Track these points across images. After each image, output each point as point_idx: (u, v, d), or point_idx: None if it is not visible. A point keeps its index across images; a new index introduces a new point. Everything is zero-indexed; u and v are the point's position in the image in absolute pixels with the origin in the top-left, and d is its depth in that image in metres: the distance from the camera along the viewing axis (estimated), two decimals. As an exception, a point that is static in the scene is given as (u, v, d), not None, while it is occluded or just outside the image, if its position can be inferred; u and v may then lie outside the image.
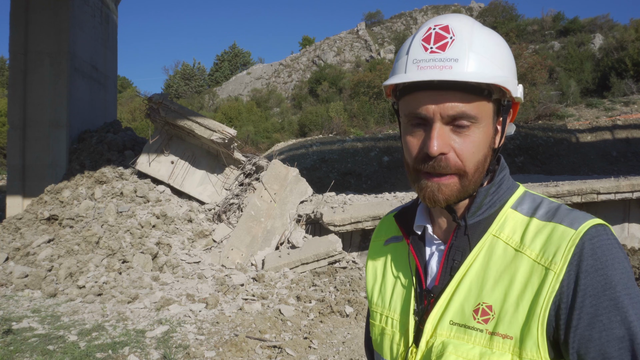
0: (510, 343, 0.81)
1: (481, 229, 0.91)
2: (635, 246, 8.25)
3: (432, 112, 0.84)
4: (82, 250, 6.30)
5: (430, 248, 0.98)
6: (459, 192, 0.87)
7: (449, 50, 0.83)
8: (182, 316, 4.97)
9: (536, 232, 0.85)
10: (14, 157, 8.93)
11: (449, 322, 0.88)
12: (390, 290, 1.03)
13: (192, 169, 7.91)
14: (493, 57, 0.85)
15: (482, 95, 0.84)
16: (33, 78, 8.95)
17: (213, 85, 41.52)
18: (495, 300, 0.84)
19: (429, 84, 0.84)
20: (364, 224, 7.03)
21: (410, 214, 1.04)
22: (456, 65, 0.82)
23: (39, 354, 3.93)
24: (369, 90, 26.86)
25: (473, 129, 0.85)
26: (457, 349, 0.85)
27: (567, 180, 9.60)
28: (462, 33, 0.84)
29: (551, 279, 0.80)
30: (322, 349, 4.27)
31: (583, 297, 0.78)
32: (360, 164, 17.05)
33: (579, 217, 0.84)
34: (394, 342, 0.98)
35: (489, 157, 0.90)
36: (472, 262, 0.89)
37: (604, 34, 30.59)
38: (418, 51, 0.85)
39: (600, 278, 0.78)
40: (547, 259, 0.82)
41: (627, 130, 18.25)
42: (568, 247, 0.80)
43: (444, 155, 0.85)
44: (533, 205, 0.91)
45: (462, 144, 0.85)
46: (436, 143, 0.83)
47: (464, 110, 0.83)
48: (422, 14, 43.16)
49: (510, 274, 0.85)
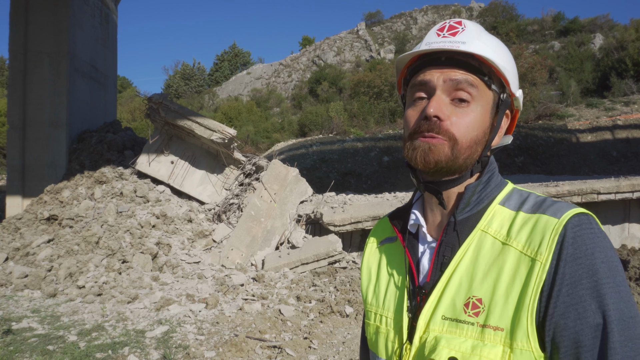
0: (502, 334, 0.82)
1: (470, 225, 0.93)
2: (635, 246, 8.23)
3: (435, 77, 0.91)
4: (82, 250, 6.29)
5: (423, 246, 1.00)
6: (448, 157, 0.90)
7: (459, 35, 0.93)
8: (182, 316, 4.96)
9: (522, 225, 0.88)
10: (14, 157, 8.92)
11: (441, 317, 0.89)
12: (384, 289, 1.04)
13: (192, 169, 7.91)
14: (497, 51, 0.94)
15: (483, 79, 0.91)
16: (33, 78, 8.95)
17: (213, 85, 41.51)
18: (485, 293, 0.86)
19: (436, 60, 0.92)
20: (364, 224, 7.03)
21: (405, 214, 1.06)
22: (463, 46, 0.91)
23: (38, 354, 3.93)
24: (369, 90, 26.83)
25: (472, 107, 0.91)
26: (450, 342, 0.86)
27: (567, 180, 9.59)
28: (472, 27, 0.95)
29: (538, 269, 0.81)
30: (322, 349, 4.27)
31: (560, 285, 0.79)
32: (360, 164, 17.05)
33: (563, 207, 0.86)
34: (388, 340, 0.99)
35: (482, 144, 0.94)
36: (461, 257, 0.91)
37: (604, 34, 30.58)
38: (431, 37, 0.95)
39: (578, 267, 0.79)
40: (532, 249, 0.83)
41: (628, 130, 18.24)
42: (552, 236, 0.82)
43: (440, 121, 0.90)
44: (520, 200, 0.93)
45: (458, 117, 0.90)
46: (434, 105, 0.89)
47: (465, 77, 0.90)
48: (422, 14, 43.13)
49: (498, 266, 0.86)
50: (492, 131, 0.95)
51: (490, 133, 0.95)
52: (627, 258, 6.47)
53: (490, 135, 0.95)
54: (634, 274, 6.11)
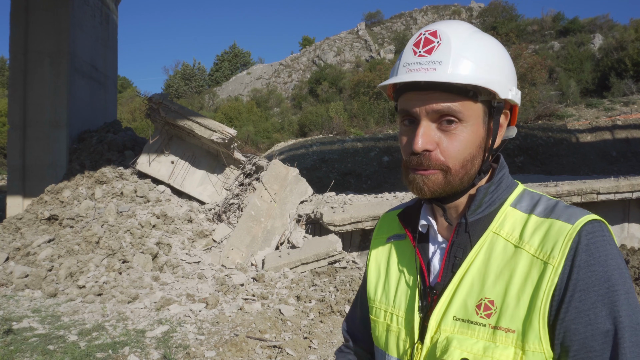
0: (513, 336, 0.83)
1: (481, 227, 0.94)
2: (635, 246, 8.24)
3: (418, 110, 0.89)
4: (82, 250, 6.30)
5: (433, 246, 1.01)
6: (443, 185, 0.91)
7: (435, 53, 0.88)
8: (182, 316, 4.97)
9: (535, 228, 0.88)
10: (14, 157, 8.93)
11: (452, 318, 0.90)
12: (394, 287, 1.05)
13: (192, 169, 7.91)
14: (480, 60, 0.89)
15: (467, 95, 0.88)
16: (33, 78, 8.95)
17: (213, 85, 41.51)
18: (497, 295, 0.87)
19: (416, 85, 0.90)
20: (364, 224, 7.04)
21: (414, 213, 1.07)
22: (439, 67, 0.87)
23: (39, 353, 3.94)
24: (369, 90, 26.85)
25: (460, 128, 0.89)
26: (462, 343, 0.87)
27: (567, 180, 9.60)
28: (448, 38, 0.89)
29: (550, 273, 0.82)
30: (322, 349, 4.27)
31: (573, 291, 0.80)
32: (360, 164, 17.06)
33: (576, 212, 0.87)
34: (399, 339, 1.00)
35: (480, 157, 0.93)
36: (473, 258, 0.92)
37: (604, 34, 30.59)
38: (408, 55, 0.91)
39: (592, 274, 0.80)
40: (545, 253, 0.84)
41: (627, 130, 18.25)
42: (565, 241, 0.83)
43: (429, 152, 0.89)
44: (531, 203, 0.94)
45: (447, 142, 0.89)
46: (420, 140, 0.88)
47: (448, 106, 0.87)
48: (422, 14, 43.14)
49: (510, 269, 0.87)
50: (490, 137, 0.94)
51: (488, 140, 0.94)
52: (626, 258, 6.48)
53: (489, 142, 0.94)
54: (634, 274, 6.13)
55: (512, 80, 0.94)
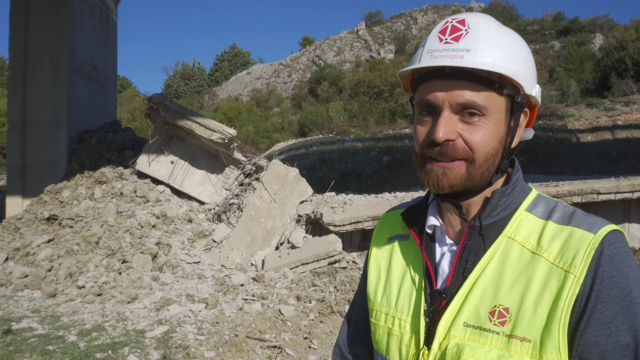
0: (529, 346, 0.80)
1: (496, 231, 0.90)
2: (635, 246, 8.24)
3: (440, 99, 0.85)
4: (82, 251, 6.29)
5: (441, 248, 0.97)
6: (464, 178, 0.87)
7: (462, 41, 0.85)
8: (182, 316, 4.96)
9: (553, 235, 0.85)
10: (14, 157, 8.92)
11: (463, 324, 0.87)
12: (397, 290, 1.01)
13: (192, 169, 7.91)
14: (507, 51, 0.86)
15: (493, 87, 0.85)
16: (33, 78, 8.94)
17: (213, 85, 41.51)
18: (512, 303, 0.83)
19: (440, 73, 0.85)
20: (364, 224, 7.03)
21: (419, 213, 1.02)
22: (467, 55, 0.83)
23: (38, 354, 3.93)
24: (369, 90, 26.84)
25: (483, 121, 0.85)
26: (474, 351, 0.84)
27: (567, 180, 9.59)
28: (477, 26, 0.86)
29: (571, 282, 0.79)
30: (322, 349, 4.27)
31: (595, 302, 0.78)
32: (360, 164, 17.05)
33: (597, 222, 0.84)
34: (402, 344, 0.96)
35: (500, 154, 0.89)
36: (486, 263, 0.88)
37: (604, 33, 30.58)
38: (433, 42, 0.87)
39: (614, 285, 0.78)
40: (565, 261, 0.81)
41: (628, 130, 18.25)
42: (587, 251, 0.80)
43: (452, 142, 0.85)
44: (548, 209, 0.90)
45: (470, 133, 0.85)
46: (442, 130, 0.84)
47: (472, 99, 0.84)
48: (422, 14, 43.13)
49: (527, 276, 0.84)
50: (509, 134, 0.90)
51: (508, 138, 0.90)
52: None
53: (508, 140, 0.91)
54: (634, 274, 6.11)
55: (535, 77, 0.92)
